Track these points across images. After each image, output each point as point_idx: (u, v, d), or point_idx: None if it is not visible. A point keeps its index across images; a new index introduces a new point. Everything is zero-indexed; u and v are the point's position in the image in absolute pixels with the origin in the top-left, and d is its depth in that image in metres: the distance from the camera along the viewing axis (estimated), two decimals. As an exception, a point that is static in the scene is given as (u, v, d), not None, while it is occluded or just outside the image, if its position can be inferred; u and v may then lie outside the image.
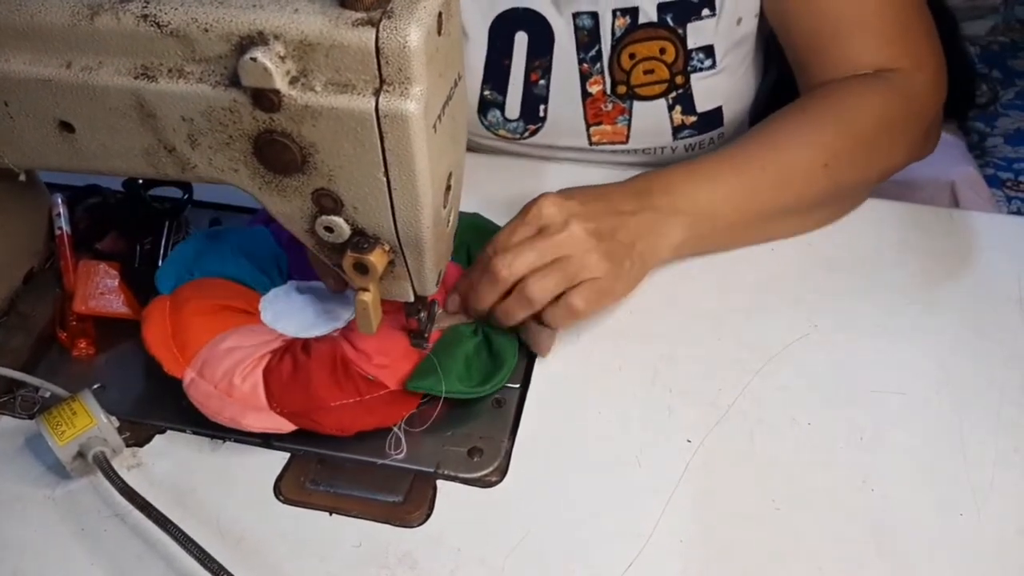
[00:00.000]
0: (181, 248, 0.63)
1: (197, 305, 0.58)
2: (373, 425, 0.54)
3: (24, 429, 0.56)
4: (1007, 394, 0.57)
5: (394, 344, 0.57)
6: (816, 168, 0.64)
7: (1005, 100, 1.50)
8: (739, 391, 0.57)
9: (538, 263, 0.56)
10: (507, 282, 0.56)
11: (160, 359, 0.55)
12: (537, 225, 0.58)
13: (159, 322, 0.57)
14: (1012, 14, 1.66)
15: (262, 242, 0.63)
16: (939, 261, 0.66)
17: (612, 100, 0.75)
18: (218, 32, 0.41)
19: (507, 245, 0.57)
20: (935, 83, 0.71)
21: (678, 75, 0.73)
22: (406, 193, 0.44)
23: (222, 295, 0.59)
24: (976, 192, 1.18)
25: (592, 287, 0.57)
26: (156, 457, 0.55)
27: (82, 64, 0.45)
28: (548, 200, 0.58)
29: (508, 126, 0.78)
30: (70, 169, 0.51)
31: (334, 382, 0.54)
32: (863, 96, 0.67)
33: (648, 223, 0.60)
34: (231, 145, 0.45)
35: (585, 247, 0.56)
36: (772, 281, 0.64)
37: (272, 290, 0.62)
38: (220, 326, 0.57)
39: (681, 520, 0.50)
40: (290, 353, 0.56)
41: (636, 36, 0.72)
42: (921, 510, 0.51)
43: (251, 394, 0.54)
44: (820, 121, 0.66)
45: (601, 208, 0.59)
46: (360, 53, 0.40)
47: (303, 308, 0.60)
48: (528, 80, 0.75)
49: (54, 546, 0.50)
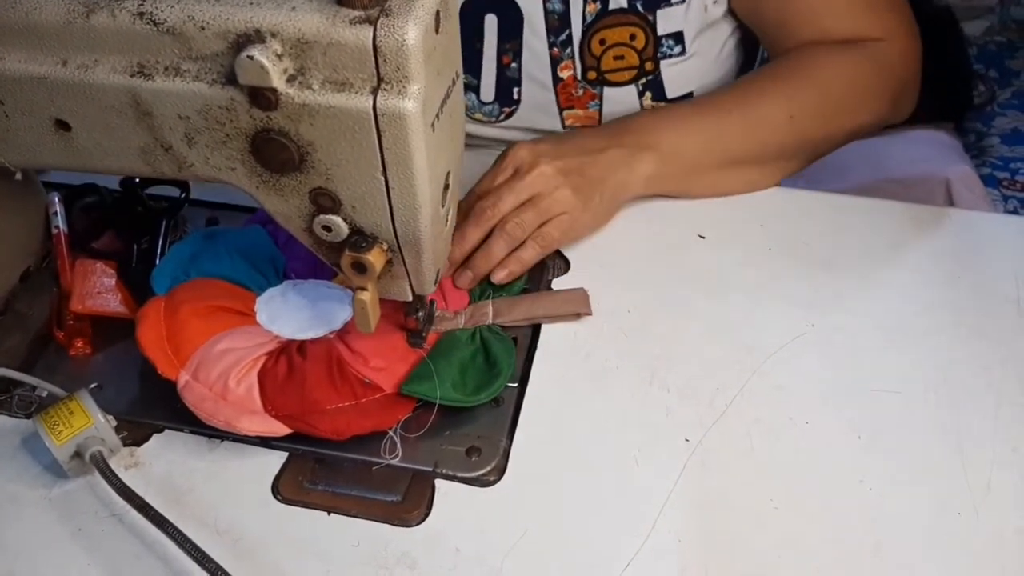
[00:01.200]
0: (177, 249, 0.63)
1: (192, 307, 0.58)
2: (368, 429, 0.54)
3: (21, 429, 0.56)
4: (1004, 393, 0.57)
5: (391, 346, 0.57)
6: (782, 118, 0.68)
7: (1002, 100, 1.50)
8: (737, 391, 0.57)
9: (515, 203, 0.62)
10: (491, 221, 0.62)
11: (154, 360, 0.55)
12: (513, 168, 0.64)
13: (154, 323, 0.57)
14: (1008, 14, 1.66)
15: (259, 242, 0.63)
16: (936, 260, 0.66)
17: (583, 85, 0.76)
18: (215, 30, 0.41)
19: (488, 188, 0.64)
20: (905, 51, 0.73)
21: (648, 61, 0.74)
22: (404, 192, 0.44)
23: (218, 296, 0.59)
24: (971, 189, 1.18)
25: (563, 220, 0.63)
26: (154, 457, 0.55)
27: (78, 62, 0.45)
28: (520, 145, 0.65)
29: (484, 109, 0.79)
30: (66, 168, 0.51)
31: (330, 384, 0.54)
32: (831, 58, 0.71)
33: (617, 158, 0.66)
34: (228, 144, 0.45)
35: (554, 183, 0.63)
36: (769, 280, 0.64)
37: (268, 291, 0.61)
38: (215, 327, 0.57)
39: (679, 519, 0.50)
40: (286, 355, 0.56)
41: (606, 22, 0.73)
42: (919, 509, 0.51)
43: (246, 397, 0.54)
44: (787, 77, 0.70)
45: (570, 148, 0.65)
46: (358, 51, 0.40)
47: (299, 309, 0.60)
48: (500, 63, 0.76)
49: (51, 546, 0.50)
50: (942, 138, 1.31)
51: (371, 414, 0.54)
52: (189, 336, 0.56)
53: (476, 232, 0.62)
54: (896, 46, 0.72)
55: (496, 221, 0.62)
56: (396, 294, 0.52)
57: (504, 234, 0.62)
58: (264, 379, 0.54)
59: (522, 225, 0.62)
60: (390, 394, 0.55)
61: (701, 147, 0.67)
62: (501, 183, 0.64)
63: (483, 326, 0.60)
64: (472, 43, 0.75)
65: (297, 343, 0.57)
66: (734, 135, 0.68)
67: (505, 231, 0.62)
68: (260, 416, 0.53)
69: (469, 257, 0.63)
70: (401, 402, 0.55)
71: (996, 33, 1.66)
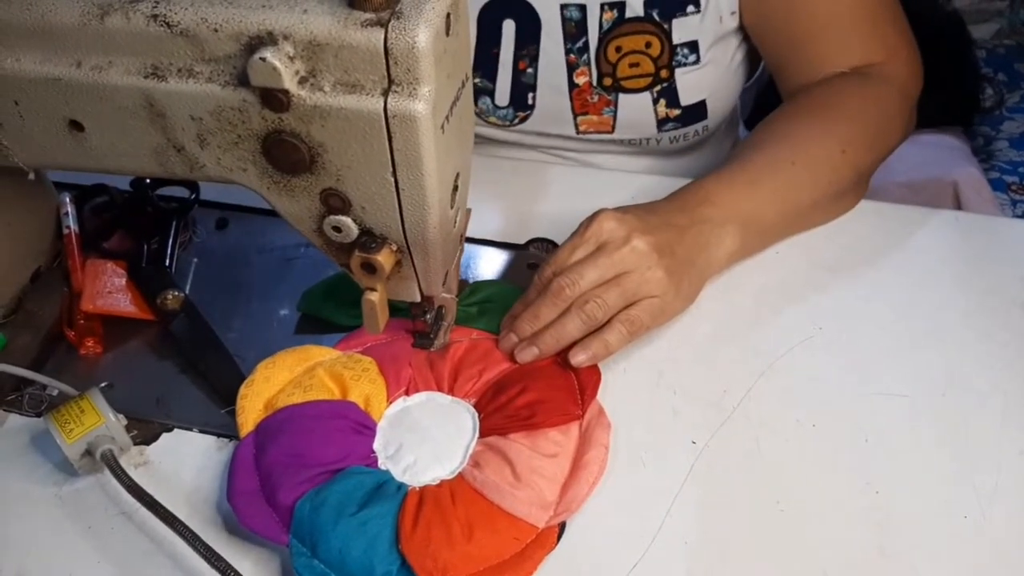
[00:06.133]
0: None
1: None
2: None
3: (31, 427, 0.56)
4: (1011, 397, 0.57)
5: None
6: (836, 155, 0.66)
7: (1011, 104, 1.50)
8: (744, 393, 0.57)
9: (599, 279, 0.56)
10: (569, 300, 0.55)
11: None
12: (596, 242, 0.57)
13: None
14: (1018, 17, 1.66)
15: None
16: (944, 264, 0.66)
17: (598, 92, 0.76)
18: (227, 32, 0.42)
19: (567, 262, 0.57)
20: (910, 65, 0.73)
21: (663, 69, 0.74)
22: (414, 193, 0.44)
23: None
24: (978, 193, 1.18)
25: (653, 304, 0.56)
26: (163, 455, 0.55)
27: (92, 63, 0.45)
28: (608, 215, 0.57)
29: (498, 113, 0.79)
30: (79, 168, 0.51)
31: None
32: (854, 89, 0.70)
33: (703, 235, 0.60)
34: (240, 145, 0.45)
35: (648, 262, 0.56)
36: (776, 283, 0.64)
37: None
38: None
39: (686, 521, 0.51)
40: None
41: (623, 30, 0.73)
42: (925, 512, 0.51)
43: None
44: (823, 115, 0.68)
45: (658, 222, 0.58)
46: (369, 54, 0.40)
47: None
48: (516, 68, 0.76)
49: (61, 543, 0.51)
50: (950, 142, 1.31)
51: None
52: None
53: (550, 311, 0.56)
54: (902, 63, 0.72)
55: (574, 299, 0.55)
56: (405, 295, 0.52)
57: (582, 312, 0.55)
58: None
59: (604, 306, 0.55)
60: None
61: (778, 208, 0.64)
62: (584, 258, 0.57)
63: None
64: (489, 48, 0.75)
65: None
66: (803, 186, 0.65)
67: (584, 310, 0.55)
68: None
69: (537, 333, 0.56)
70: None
71: (1005, 36, 1.66)
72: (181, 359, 0.60)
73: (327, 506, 0.48)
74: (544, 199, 0.73)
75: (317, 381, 0.55)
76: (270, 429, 0.52)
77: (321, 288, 0.63)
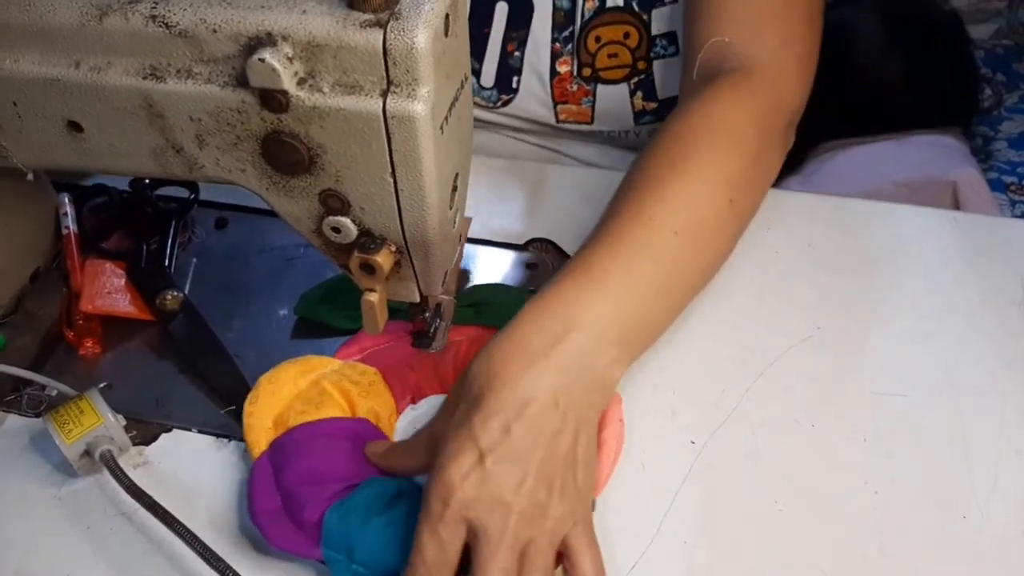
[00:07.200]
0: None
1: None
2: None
3: (30, 427, 0.56)
4: (1010, 397, 0.57)
5: None
6: (724, 209, 0.57)
7: (1009, 104, 1.49)
8: (742, 393, 0.57)
9: (514, 568, 0.43)
10: None
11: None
12: (474, 533, 0.43)
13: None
14: (1016, 17, 1.66)
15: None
16: (943, 263, 0.66)
17: (577, 81, 0.76)
18: (226, 33, 0.42)
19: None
20: (799, 68, 0.64)
21: (640, 60, 0.74)
22: (413, 194, 0.44)
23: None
24: (977, 193, 1.18)
25: (580, 531, 0.46)
26: (162, 456, 0.55)
27: (91, 64, 0.45)
28: (458, 491, 0.43)
29: (483, 94, 0.80)
30: (78, 168, 0.51)
31: None
32: (738, 109, 0.60)
33: (576, 396, 0.47)
34: (239, 145, 0.45)
35: (538, 512, 0.44)
36: (775, 283, 0.64)
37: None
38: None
39: (684, 521, 0.51)
40: None
41: (603, 19, 0.73)
42: (924, 512, 0.51)
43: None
44: (711, 150, 0.58)
45: (524, 444, 0.45)
46: (368, 54, 0.40)
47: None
48: (505, 50, 0.77)
49: (60, 544, 0.51)
50: (949, 142, 1.31)
51: None
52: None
53: None
54: (791, 59, 0.63)
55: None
56: (404, 296, 0.52)
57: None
58: None
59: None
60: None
61: (663, 301, 0.54)
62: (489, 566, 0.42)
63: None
64: (480, 28, 0.76)
65: None
66: (687, 259, 0.55)
67: None
68: None
69: None
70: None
71: (1004, 36, 1.66)
72: (180, 359, 0.60)
73: (356, 512, 0.48)
74: (544, 199, 0.73)
75: (327, 397, 0.55)
76: (287, 448, 0.52)
77: (318, 291, 0.63)
